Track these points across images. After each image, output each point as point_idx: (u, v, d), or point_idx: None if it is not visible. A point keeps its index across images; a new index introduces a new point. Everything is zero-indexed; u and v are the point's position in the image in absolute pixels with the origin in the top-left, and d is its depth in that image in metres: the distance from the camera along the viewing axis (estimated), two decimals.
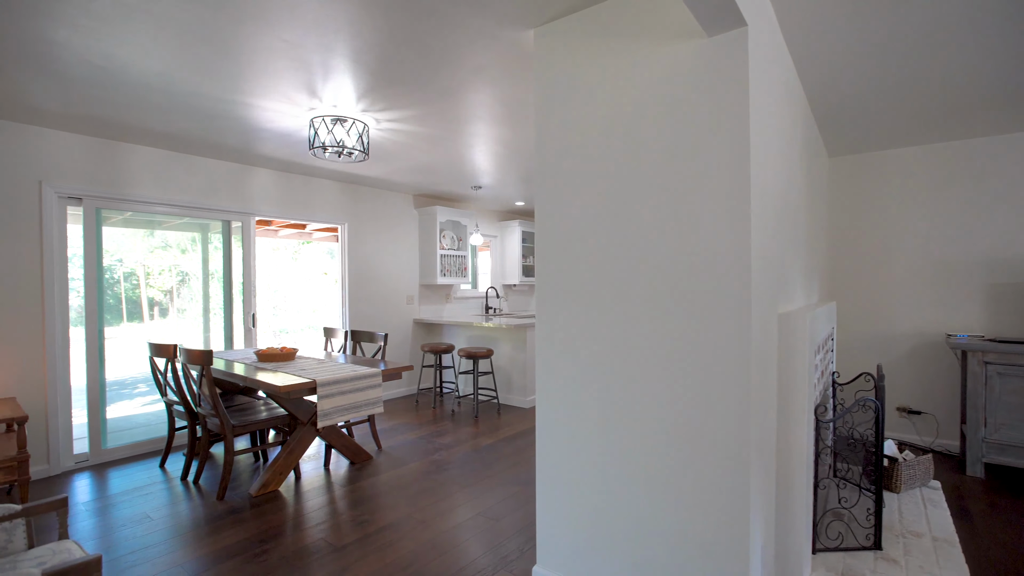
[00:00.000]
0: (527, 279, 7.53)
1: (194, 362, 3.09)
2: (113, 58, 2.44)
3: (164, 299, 8.93)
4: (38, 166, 3.44)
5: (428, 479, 3.43)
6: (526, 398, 5.43)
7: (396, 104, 3.07)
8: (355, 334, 4.36)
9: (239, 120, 3.34)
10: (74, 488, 3.33)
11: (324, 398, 3.01)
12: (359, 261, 5.51)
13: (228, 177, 4.43)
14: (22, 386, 3.40)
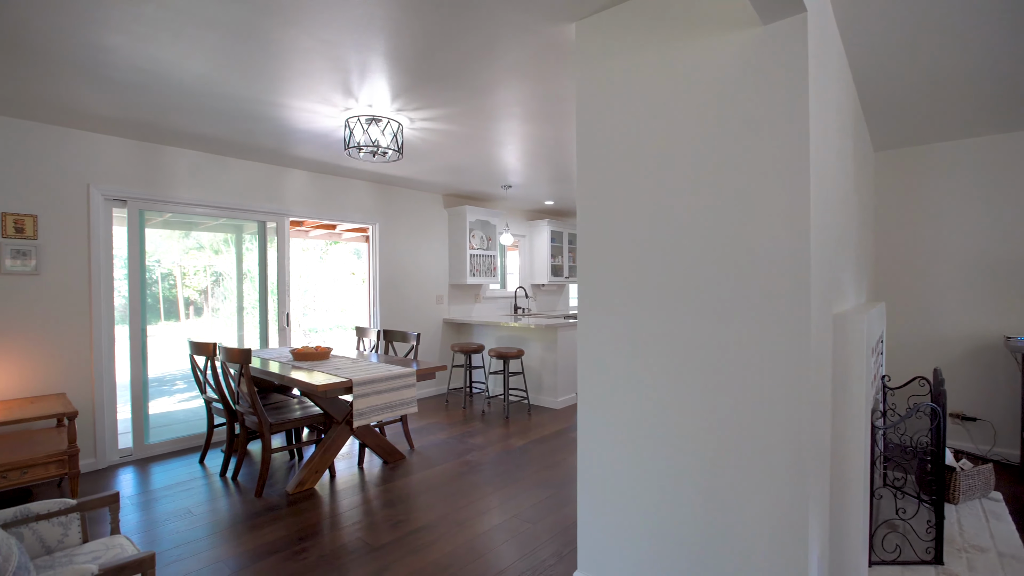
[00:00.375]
0: (556, 279, 7.46)
1: (233, 360, 3.14)
2: (159, 62, 2.48)
3: (199, 298, 9.17)
4: (86, 169, 3.55)
5: (461, 480, 3.41)
6: (557, 399, 5.37)
7: (431, 103, 3.06)
8: (387, 334, 4.38)
9: (275, 122, 3.38)
10: (119, 482, 3.42)
11: (360, 397, 3.02)
12: (389, 261, 5.54)
13: (263, 178, 4.50)
14: (71, 382, 3.51)
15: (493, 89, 2.87)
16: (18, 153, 3.28)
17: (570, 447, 4.09)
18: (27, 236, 3.29)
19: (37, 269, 3.34)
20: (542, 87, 2.83)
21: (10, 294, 3.26)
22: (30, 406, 3.04)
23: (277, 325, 4.67)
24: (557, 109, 3.18)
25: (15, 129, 3.26)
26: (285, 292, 4.68)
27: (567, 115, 3.29)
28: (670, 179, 1.82)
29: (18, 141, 3.28)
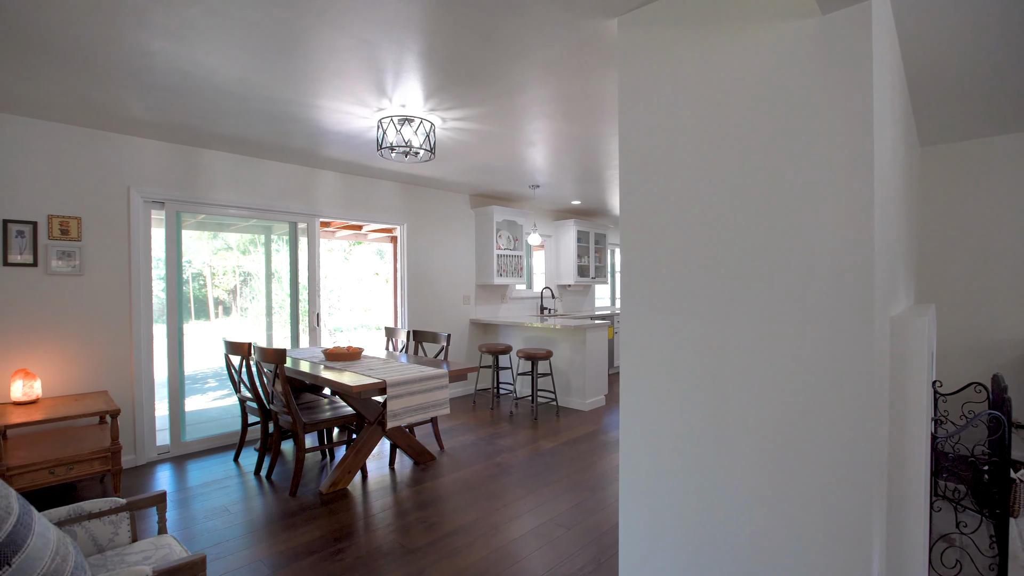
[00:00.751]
0: (582, 279, 7.39)
1: (268, 360, 3.17)
2: (200, 65, 2.51)
3: (228, 298, 9.35)
4: (126, 172, 3.63)
5: (493, 482, 3.38)
6: (585, 400, 5.31)
7: (463, 102, 3.03)
8: (417, 334, 4.38)
9: (309, 123, 3.41)
10: (158, 479, 3.48)
11: (393, 399, 3.02)
12: (417, 261, 5.55)
13: (295, 180, 4.55)
14: (112, 380, 3.59)
15: (526, 88, 2.83)
16: (64, 157, 3.37)
17: (601, 450, 4.03)
18: (72, 238, 3.37)
19: (80, 270, 3.42)
20: (576, 85, 2.79)
21: (56, 294, 3.34)
22: (75, 403, 3.12)
23: (308, 325, 4.71)
24: (589, 107, 3.13)
25: (61, 134, 3.35)
26: (315, 292, 4.72)
27: (599, 113, 3.24)
28: (720, 177, 1.75)
29: (64, 146, 3.36)
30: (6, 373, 3.18)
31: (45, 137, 3.30)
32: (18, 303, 3.22)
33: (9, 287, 3.19)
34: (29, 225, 3.22)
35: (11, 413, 2.88)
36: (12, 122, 3.18)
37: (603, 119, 3.36)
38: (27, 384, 3.09)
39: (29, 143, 3.24)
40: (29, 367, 3.25)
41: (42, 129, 3.29)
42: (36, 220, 3.26)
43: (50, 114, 3.19)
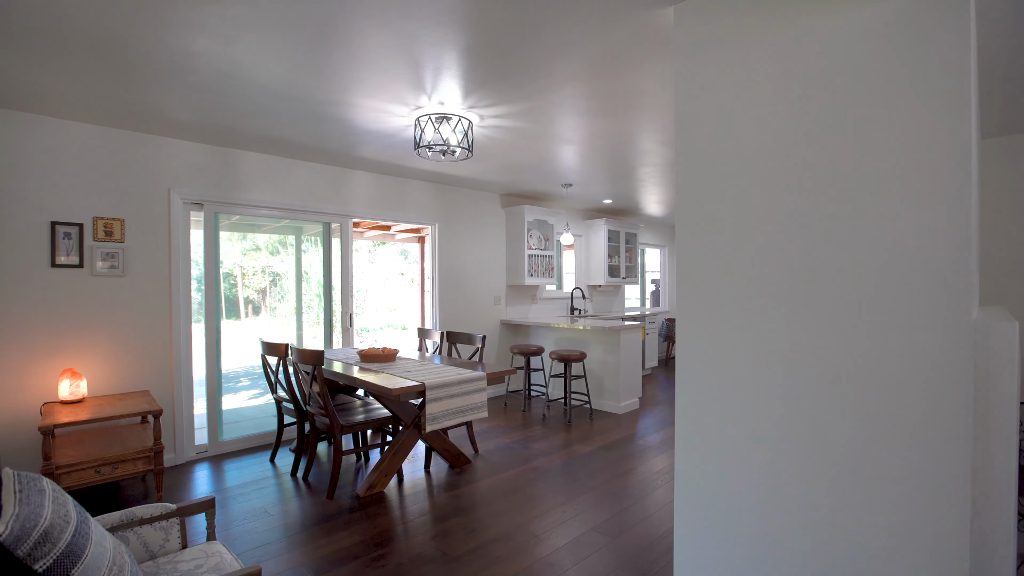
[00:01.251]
0: (613, 279, 7.26)
1: (306, 362, 3.15)
2: (241, 65, 2.50)
3: (257, 298, 9.49)
4: (167, 174, 3.67)
5: (531, 487, 3.30)
6: (619, 403, 5.19)
7: (504, 98, 2.96)
8: (450, 335, 4.33)
9: (344, 123, 3.38)
10: (197, 479, 3.51)
11: (432, 402, 2.96)
12: (448, 261, 5.51)
13: (328, 180, 4.55)
14: (153, 379, 3.63)
15: (569, 83, 2.75)
16: (108, 160, 3.41)
17: (639, 455, 3.92)
18: (115, 239, 3.42)
19: (123, 271, 3.47)
20: (620, 79, 2.69)
21: (100, 295, 3.39)
22: (119, 403, 3.16)
23: (341, 325, 4.71)
24: (630, 102, 3.02)
25: (105, 137, 3.40)
26: (348, 293, 4.72)
27: (639, 108, 3.13)
28: (790, 172, 1.64)
29: (108, 148, 3.41)
30: (54, 372, 3.23)
31: (90, 140, 3.35)
32: (65, 304, 3.27)
33: (57, 288, 3.24)
34: (75, 227, 3.28)
35: (59, 412, 2.93)
36: (59, 126, 3.24)
37: (642, 115, 3.25)
38: (74, 383, 3.13)
39: (75, 146, 3.30)
40: (75, 367, 3.30)
41: (87, 132, 3.34)
42: (82, 222, 3.31)
43: (95, 117, 3.24)
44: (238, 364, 7.31)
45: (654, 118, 3.33)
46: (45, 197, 3.20)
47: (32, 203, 3.16)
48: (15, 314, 3.11)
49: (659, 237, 8.88)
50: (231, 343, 5.97)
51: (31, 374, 3.17)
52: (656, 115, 3.26)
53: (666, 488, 3.28)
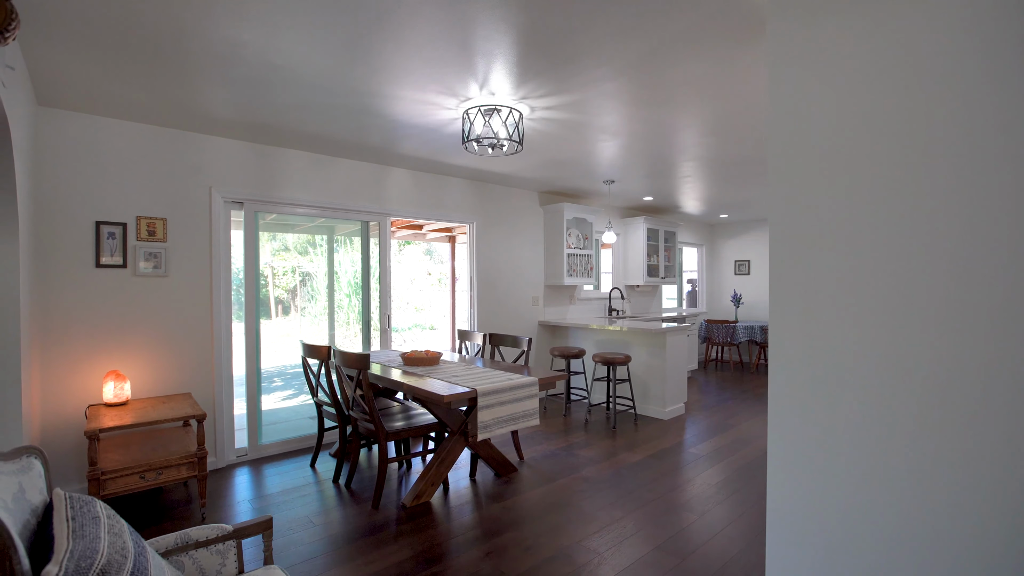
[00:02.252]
0: (651, 279, 7.01)
1: (350, 366, 3.03)
2: (289, 56, 2.38)
3: (287, 298, 9.47)
4: (208, 173, 3.60)
5: (583, 499, 3.12)
6: (665, 409, 4.97)
7: (559, 88, 2.79)
8: (493, 337, 4.18)
9: (387, 117, 3.25)
10: (238, 484, 3.42)
11: (484, 409, 2.81)
12: (486, 261, 5.36)
13: (366, 178, 4.44)
14: (195, 382, 3.57)
15: (626, 72, 2.56)
16: (150, 158, 3.36)
17: (692, 465, 3.70)
18: (158, 239, 3.36)
19: (165, 271, 3.41)
20: (681, 68, 2.49)
21: (143, 296, 3.34)
22: (162, 406, 3.09)
23: (379, 326, 4.60)
24: (688, 93, 2.82)
25: (148, 135, 3.34)
26: (386, 294, 4.61)
27: (697, 99, 2.92)
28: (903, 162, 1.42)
29: (150, 147, 3.36)
30: (98, 374, 3.19)
31: (134, 138, 3.29)
32: (109, 305, 3.22)
33: (101, 289, 3.19)
34: (119, 227, 3.22)
35: (103, 415, 2.87)
36: (104, 124, 3.19)
37: (696, 105, 3.03)
38: (118, 386, 3.08)
39: (119, 145, 3.24)
40: (119, 368, 3.25)
41: (131, 131, 3.28)
42: (125, 221, 3.26)
43: (139, 115, 3.18)
44: (270, 364, 7.31)
45: (707, 109, 3.12)
46: (90, 197, 3.15)
47: (77, 203, 3.11)
48: (61, 314, 3.07)
49: (697, 235, 8.59)
50: (264, 343, 5.94)
51: (76, 375, 3.13)
52: (709, 105, 3.05)
53: (729, 504, 3.06)
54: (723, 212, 7.51)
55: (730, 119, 3.33)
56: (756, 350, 8.01)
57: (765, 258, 8.23)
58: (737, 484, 3.36)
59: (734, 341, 7.40)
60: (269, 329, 8.15)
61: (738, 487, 3.32)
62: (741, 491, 3.25)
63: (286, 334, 8.61)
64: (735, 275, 8.59)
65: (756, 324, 7.52)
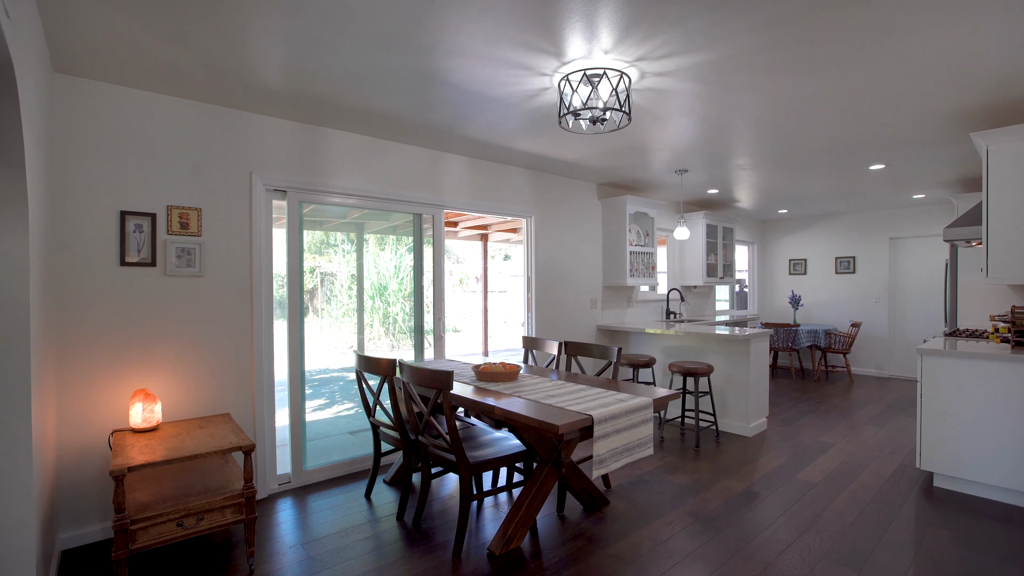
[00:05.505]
0: (710, 279, 6.46)
1: (426, 384, 2.51)
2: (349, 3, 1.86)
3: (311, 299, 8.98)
4: (248, 156, 3.09)
5: (707, 546, 2.57)
6: (748, 424, 4.41)
7: (693, 43, 2.24)
8: (570, 347, 3.64)
9: (459, 88, 2.74)
10: (283, 523, 2.90)
11: (601, 439, 2.27)
12: (545, 260, 4.83)
13: (422, 165, 3.93)
14: (234, 400, 3.06)
15: (786, 21, 2.03)
16: (184, 138, 2.85)
17: (814, 498, 3.14)
18: (191, 232, 2.85)
19: (201, 269, 2.90)
20: (850, 15, 1.95)
21: (174, 298, 2.83)
22: (199, 431, 2.57)
23: (434, 334, 4.08)
24: (848, 54, 2.27)
25: (181, 110, 2.84)
26: (441, 296, 4.09)
27: (856, 63, 2.38)
28: None
29: (184, 124, 2.85)
30: (124, 394, 2.68)
31: (165, 114, 2.79)
32: (136, 310, 2.72)
33: (126, 291, 2.69)
34: (147, 218, 2.72)
35: (131, 445, 2.36)
36: (131, 97, 2.69)
37: (850, 72, 2.49)
38: (147, 408, 2.57)
39: (147, 121, 2.74)
40: (148, 386, 2.74)
41: (161, 105, 2.78)
42: (155, 212, 2.75)
43: (171, 85, 2.67)
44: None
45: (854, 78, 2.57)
46: (114, 182, 2.65)
47: (99, 189, 2.61)
48: (79, 322, 2.57)
49: (748, 233, 8.02)
50: (284, 348, 5.44)
51: (97, 395, 2.62)
52: (860, 73, 2.50)
53: (900, 555, 2.51)
54: (783, 207, 6.94)
55: (875, 93, 2.78)
56: (818, 356, 7.43)
57: (823, 256, 7.65)
58: (875, 519, 2.80)
59: (796, 346, 6.82)
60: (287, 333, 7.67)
61: (881, 527, 2.76)
62: (892, 532, 2.70)
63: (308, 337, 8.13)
64: (790, 275, 8.01)
65: (819, 328, 6.94)
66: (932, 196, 6.10)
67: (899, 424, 4.80)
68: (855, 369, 7.37)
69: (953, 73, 2.60)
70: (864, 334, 7.27)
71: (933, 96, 2.90)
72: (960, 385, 3.17)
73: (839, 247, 7.49)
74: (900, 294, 7.06)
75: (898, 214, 6.97)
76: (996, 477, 3.06)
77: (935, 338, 3.92)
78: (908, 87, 2.76)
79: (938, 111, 3.15)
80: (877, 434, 4.48)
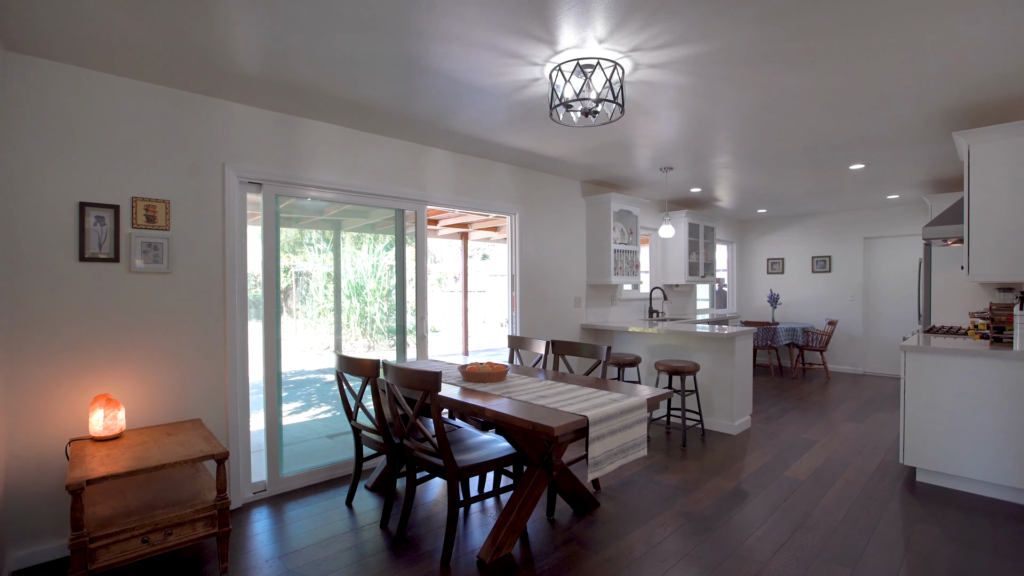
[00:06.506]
0: (692, 278, 6.47)
1: (413, 386, 2.39)
2: None
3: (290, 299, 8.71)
4: (222, 146, 2.92)
5: (701, 547, 2.52)
6: (733, 422, 4.41)
7: (692, 32, 2.18)
8: (558, 346, 3.56)
9: (446, 77, 2.63)
10: (258, 535, 2.74)
11: (596, 441, 2.19)
12: (529, 258, 4.74)
13: (405, 160, 3.80)
14: (205, 404, 2.88)
15: (784, 11, 1.98)
16: (151, 125, 2.67)
17: (802, 495, 3.13)
18: (158, 226, 2.67)
19: (169, 266, 2.72)
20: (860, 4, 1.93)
21: (139, 298, 2.65)
22: (168, 440, 2.40)
23: (417, 334, 3.95)
24: (842, 48, 2.25)
25: (149, 96, 2.66)
26: (423, 295, 3.96)
27: (849, 59, 2.37)
28: None
29: (152, 110, 2.67)
30: (84, 400, 2.49)
31: (130, 99, 2.61)
32: (97, 310, 2.52)
33: (87, 289, 2.50)
34: (110, 210, 2.53)
35: (91, 454, 2.18)
36: (92, 80, 2.50)
37: (843, 68, 2.47)
38: (109, 414, 2.38)
39: (111, 106, 2.55)
40: (111, 392, 2.55)
41: (127, 89, 2.59)
42: (118, 203, 2.56)
43: (137, 68, 2.49)
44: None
45: (848, 74, 2.56)
46: (72, 171, 2.45)
47: (56, 178, 2.42)
48: (35, 322, 2.37)
49: (727, 232, 8.09)
50: (258, 349, 5.24)
51: (54, 400, 2.42)
52: (855, 68, 2.49)
53: (891, 552, 2.50)
54: (763, 207, 7.02)
55: (862, 89, 2.78)
56: (796, 353, 7.53)
57: (800, 256, 7.77)
58: (864, 516, 2.80)
59: (775, 344, 6.90)
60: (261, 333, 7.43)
61: (871, 524, 2.76)
62: (881, 529, 2.69)
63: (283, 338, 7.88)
64: (768, 274, 8.12)
65: (797, 326, 7.03)
66: (906, 197, 6.24)
67: (877, 420, 4.88)
68: (831, 366, 7.50)
69: (939, 71, 2.61)
70: (840, 332, 7.40)
71: (917, 94, 2.91)
72: (943, 381, 3.21)
73: (815, 247, 7.62)
74: (874, 292, 7.21)
75: (872, 214, 7.12)
76: (978, 471, 3.10)
77: (914, 335, 3.97)
78: (894, 84, 2.77)
79: (920, 109, 3.18)
80: (857, 430, 4.54)
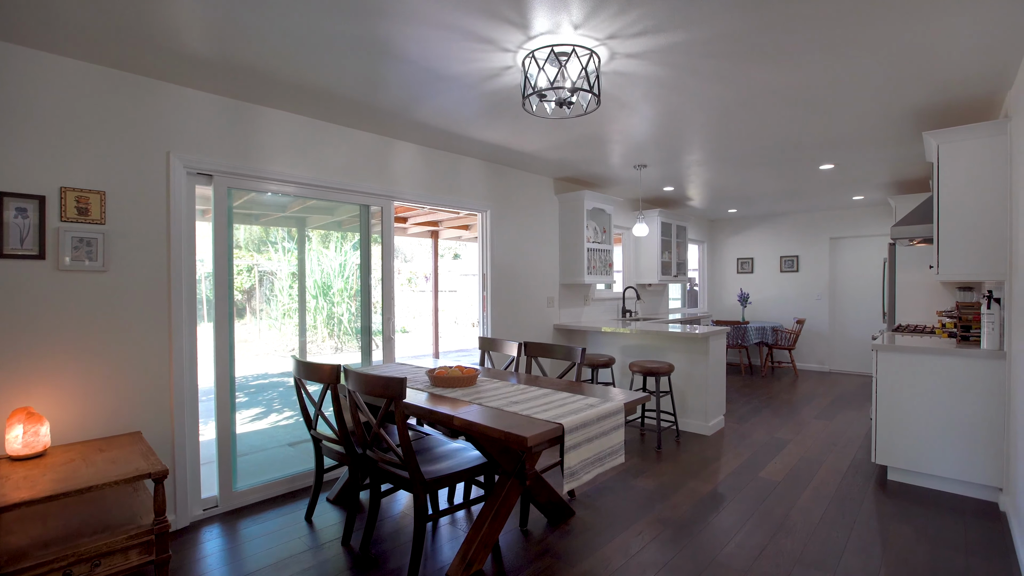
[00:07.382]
0: (665, 277, 6.45)
1: (375, 394, 2.22)
2: None
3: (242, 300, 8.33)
4: (166, 133, 2.68)
5: (680, 555, 2.43)
6: (707, 423, 4.37)
7: (674, 19, 2.08)
8: (531, 348, 3.42)
9: (413, 63, 2.47)
10: (208, 556, 2.52)
11: (572, 450, 2.07)
12: (501, 256, 4.60)
13: (369, 153, 3.60)
14: (146, 415, 2.64)
15: (767, 4, 1.91)
16: (85, 109, 2.41)
17: (779, 496, 3.08)
18: (92, 219, 2.42)
19: (104, 264, 2.47)
20: None
21: (69, 298, 2.39)
22: (99, 457, 2.16)
23: (383, 335, 3.76)
24: (827, 42, 2.19)
25: (83, 76, 2.40)
26: (390, 296, 3.78)
27: (831, 55, 2.31)
28: None
29: (86, 92, 2.41)
30: (1, 414, 2.22)
31: (61, 79, 2.35)
32: (18, 312, 2.26)
33: (5, 289, 2.23)
34: (34, 201, 2.27)
35: (6, 477, 1.93)
36: (16, 56, 2.23)
37: (823, 64, 2.42)
38: (30, 430, 2.13)
39: (39, 87, 2.29)
40: (33, 404, 2.29)
41: (57, 68, 2.33)
42: (44, 194, 2.30)
43: (69, 44, 2.24)
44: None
45: (828, 70, 2.51)
46: None
47: None
48: None
49: (698, 232, 8.13)
50: (210, 354, 4.96)
51: None
52: (838, 65, 2.44)
53: (869, 555, 2.46)
54: (733, 207, 7.06)
55: (836, 85, 2.74)
56: (766, 352, 7.62)
57: (769, 255, 7.87)
58: (839, 517, 2.77)
59: (745, 343, 6.95)
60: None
61: (847, 525, 2.72)
62: (857, 530, 2.66)
63: (243, 340, 7.53)
64: (738, 273, 8.19)
65: (767, 325, 7.10)
66: (871, 198, 6.36)
67: (845, 418, 4.92)
68: (799, 364, 7.61)
69: (912, 69, 2.59)
70: (807, 330, 7.52)
71: (889, 92, 2.90)
72: (913, 379, 3.22)
73: (784, 246, 7.72)
74: (840, 292, 7.35)
75: (838, 215, 7.25)
76: (946, 468, 3.11)
77: (882, 334, 4.00)
78: (867, 81, 2.74)
79: (890, 109, 3.18)
80: (827, 428, 4.56)
